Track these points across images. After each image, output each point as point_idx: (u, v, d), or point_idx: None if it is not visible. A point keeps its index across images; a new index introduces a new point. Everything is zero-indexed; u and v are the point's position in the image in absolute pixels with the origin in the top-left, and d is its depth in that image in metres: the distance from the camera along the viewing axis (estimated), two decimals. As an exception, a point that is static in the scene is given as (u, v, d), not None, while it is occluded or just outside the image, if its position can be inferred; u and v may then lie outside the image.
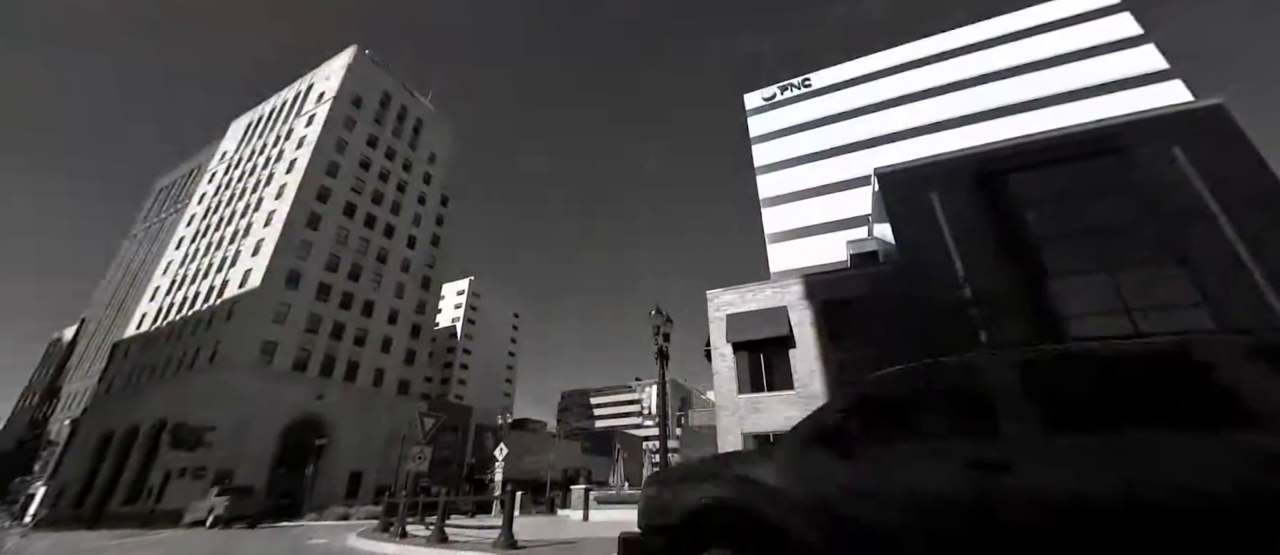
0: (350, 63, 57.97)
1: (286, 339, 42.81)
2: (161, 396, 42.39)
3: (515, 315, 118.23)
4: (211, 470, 34.75)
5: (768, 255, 41.19)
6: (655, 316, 12.63)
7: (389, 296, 54.07)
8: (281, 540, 16.27)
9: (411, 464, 16.13)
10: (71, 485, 44.67)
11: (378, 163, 57.75)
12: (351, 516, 25.82)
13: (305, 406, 42.56)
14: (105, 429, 46.40)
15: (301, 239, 46.48)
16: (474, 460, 49.22)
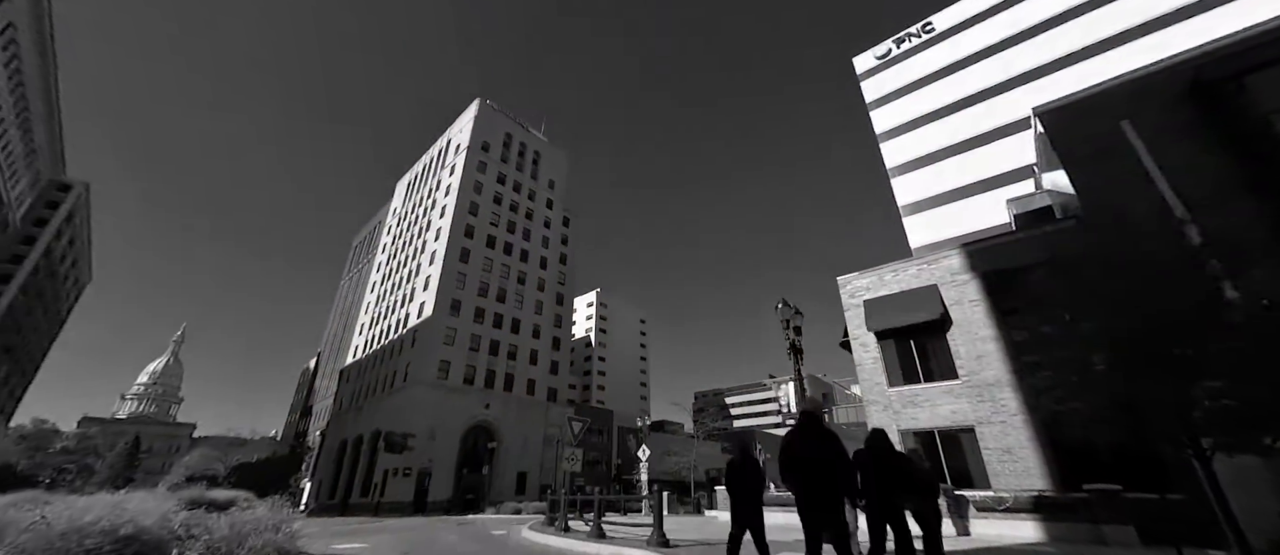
0: (476, 114, 66.03)
1: (455, 358, 50.05)
2: (375, 411, 52.60)
3: (641, 321, 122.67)
4: (415, 470, 42.12)
5: (905, 230, 36.84)
6: (782, 309, 12.15)
7: (530, 314, 60.06)
8: (470, 529, 19.08)
9: (566, 464, 17.74)
10: (325, 482, 57.57)
11: (507, 196, 64.71)
12: (522, 511, 29.18)
13: (476, 415, 49.25)
14: (341, 438, 58.97)
15: (457, 271, 54.05)
16: (619, 461, 52.09)
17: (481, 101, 67.70)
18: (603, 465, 59.70)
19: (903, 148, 39.74)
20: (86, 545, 4.86)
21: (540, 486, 49.26)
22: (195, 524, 5.99)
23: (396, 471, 41.56)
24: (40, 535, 4.57)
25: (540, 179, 71.13)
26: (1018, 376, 13.63)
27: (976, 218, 30.84)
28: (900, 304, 16.34)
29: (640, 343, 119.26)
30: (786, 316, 12.04)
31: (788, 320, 12.04)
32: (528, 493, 48.05)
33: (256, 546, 6.01)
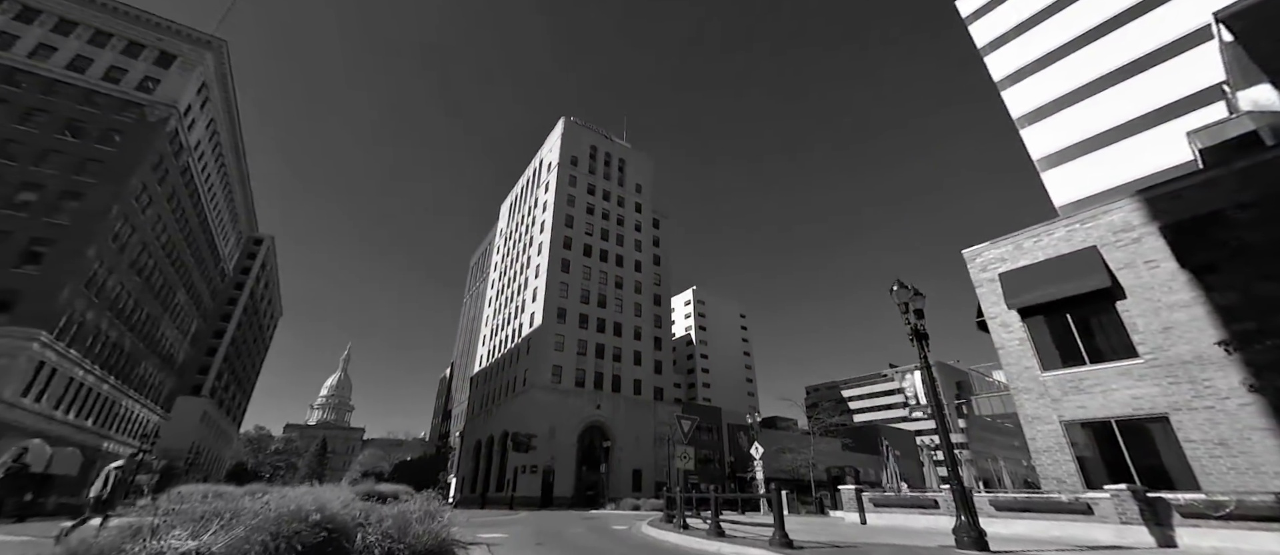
0: (562, 132, 69.74)
1: (566, 362, 53.18)
2: (501, 414, 57.84)
3: (741, 316, 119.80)
4: (541, 467, 45.48)
5: (1045, 186, 31.46)
6: (899, 292, 11.07)
7: (630, 316, 61.77)
8: (594, 523, 20.09)
9: (678, 462, 17.92)
10: (467, 478, 64.52)
11: (598, 205, 67.32)
12: (641, 507, 30.01)
13: (589, 415, 51.82)
14: (476, 439, 65.72)
15: (560, 281, 57.45)
16: (732, 459, 51.26)
17: (566, 120, 71.32)
18: (715, 463, 59.25)
19: (1033, 91, 33.94)
20: (295, 527, 6.03)
21: (655, 484, 50.36)
22: (370, 512, 7.11)
23: (525, 469, 45.24)
24: (267, 517, 5.76)
25: (627, 185, 72.95)
26: (1227, 350, 10.92)
27: (1143, 161, 25.27)
28: (1048, 274, 13.99)
29: (742, 338, 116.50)
30: (905, 299, 10.95)
31: (906, 303, 10.94)
32: (644, 490, 49.36)
33: (418, 533, 6.95)
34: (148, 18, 44.59)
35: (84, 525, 8.61)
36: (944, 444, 9.70)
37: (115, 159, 38.20)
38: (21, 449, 27.96)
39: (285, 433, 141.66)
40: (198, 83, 46.32)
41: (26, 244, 33.01)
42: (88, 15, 42.26)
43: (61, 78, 39.06)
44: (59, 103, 38.18)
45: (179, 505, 6.97)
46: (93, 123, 38.75)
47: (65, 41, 40.56)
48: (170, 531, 5.23)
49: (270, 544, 5.75)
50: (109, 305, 39.73)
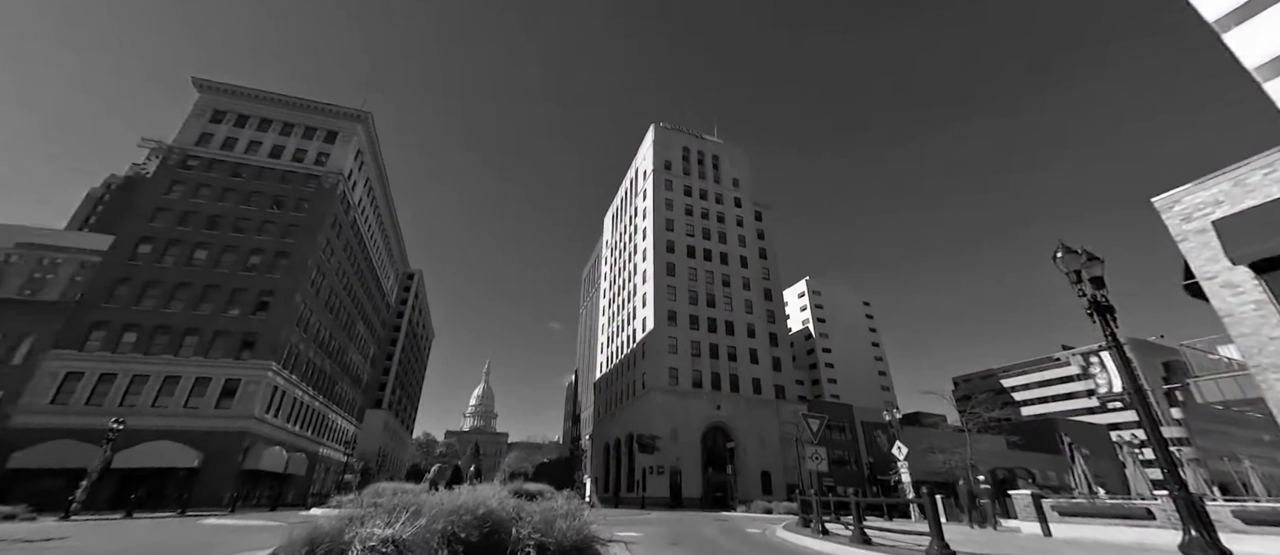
0: (654, 139, 70.85)
1: (681, 364, 53.58)
2: (625, 417, 60.15)
3: (865, 304, 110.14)
4: (667, 468, 46.32)
5: (1271, 101, 23.96)
6: (1067, 257, 9.21)
7: (741, 314, 60.30)
8: (726, 525, 19.85)
9: (810, 464, 16.96)
10: (599, 479, 68.11)
11: (697, 205, 67.00)
12: (773, 510, 28.96)
13: (710, 416, 51.54)
14: (604, 441, 69.15)
15: (667, 285, 58.17)
16: (871, 459, 47.11)
17: (656, 126, 72.35)
18: (851, 464, 55.05)
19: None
20: (464, 519, 6.90)
21: (786, 486, 48.33)
22: (521, 509, 7.87)
23: (652, 469, 46.44)
24: (441, 511, 6.68)
25: (723, 181, 71.61)
26: None
27: None
28: (1297, 212, 10.65)
29: (868, 329, 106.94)
30: (1074, 266, 9.10)
31: (1077, 271, 9.08)
32: (774, 492, 47.64)
33: (563, 529, 7.50)
34: (316, 105, 55.05)
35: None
36: (1153, 440, 7.87)
37: (306, 222, 47.71)
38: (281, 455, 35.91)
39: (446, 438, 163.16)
40: (355, 151, 55.89)
41: (257, 295, 42.64)
42: (278, 113, 53.49)
43: (266, 165, 49.93)
44: (267, 184, 48.83)
45: (376, 500, 8.41)
46: (290, 196, 48.85)
47: (265, 136, 51.80)
48: (372, 521, 6.33)
49: (445, 533, 6.67)
50: (313, 339, 49.54)
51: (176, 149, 47.74)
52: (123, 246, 41.51)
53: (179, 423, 36.12)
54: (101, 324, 37.77)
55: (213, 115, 50.55)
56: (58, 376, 35.16)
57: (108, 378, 36.18)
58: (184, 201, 45.11)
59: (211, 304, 41.12)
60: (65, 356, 35.77)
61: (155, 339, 38.49)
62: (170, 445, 34.87)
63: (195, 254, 42.90)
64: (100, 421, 31.49)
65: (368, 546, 5.63)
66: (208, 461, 35.50)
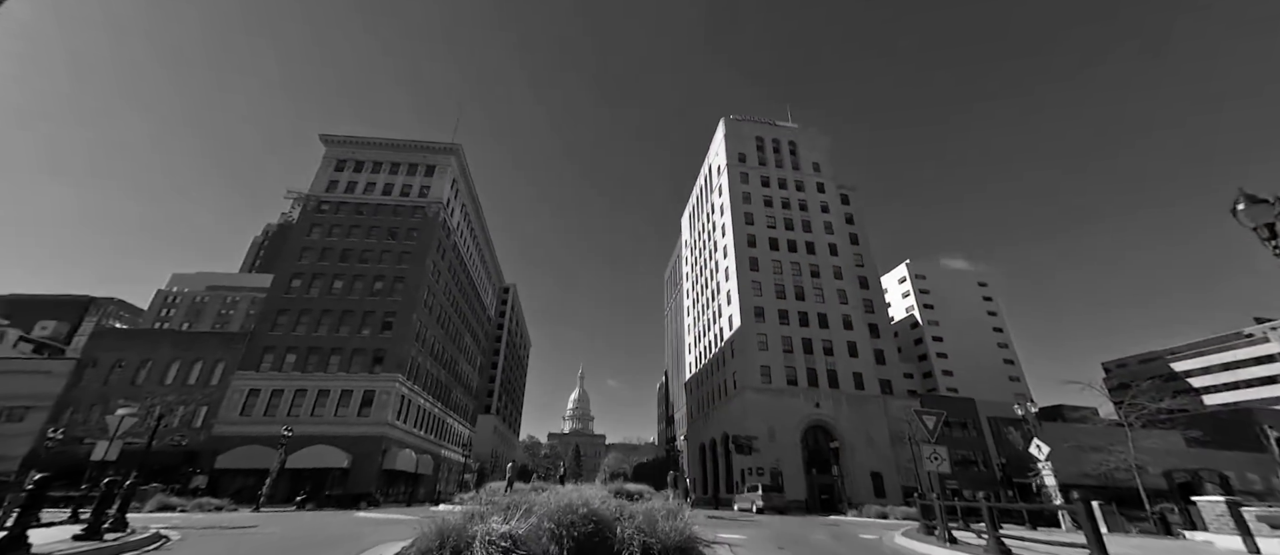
0: (725, 133, 69.26)
1: (773, 361, 51.64)
2: (717, 417, 59.33)
3: (981, 285, 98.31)
4: (767, 469, 44.86)
5: None
6: (1249, 209, 7.33)
7: (834, 305, 56.73)
8: (836, 530, 18.64)
9: (929, 464, 15.38)
10: (697, 480, 67.82)
11: (776, 195, 64.32)
12: (889, 516, 26.75)
13: (809, 414, 49.05)
14: (699, 442, 68.76)
15: (751, 280, 56.46)
16: (1004, 460, 41.71)
17: (726, 119, 70.73)
18: (979, 465, 49.29)
19: None
20: (570, 517, 7.18)
21: (902, 489, 44.51)
22: (623, 508, 8.03)
23: (751, 471, 45.23)
24: (549, 508, 7.02)
25: (803, 167, 68.06)
26: None
27: None
28: None
29: (987, 311, 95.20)
30: (1265, 219, 7.21)
31: (1270, 225, 7.18)
32: (888, 495, 44.06)
33: (665, 529, 7.52)
34: (415, 144, 61.35)
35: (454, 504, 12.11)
36: None
37: (416, 249, 53.28)
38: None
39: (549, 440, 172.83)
40: (450, 180, 61.39)
41: (382, 316, 48.42)
42: (385, 155, 60.43)
43: (381, 201, 56.62)
44: (383, 218, 55.33)
45: (492, 498, 9.07)
46: (401, 227, 54.91)
47: (378, 177, 58.76)
48: (490, 517, 6.83)
49: (555, 531, 6.99)
50: (429, 352, 55.09)
51: (312, 197, 55.88)
52: (280, 283, 49.44)
53: (332, 429, 42.10)
54: (269, 348, 45.25)
55: (337, 164, 58.43)
56: (243, 393, 42.69)
57: (277, 393, 43.23)
58: (322, 240, 52.64)
59: (348, 326, 47.48)
60: (246, 377, 43.34)
61: (309, 358, 45.29)
62: (326, 448, 40.75)
63: (334, 284, 49.84)
64: (274, 429, 37.69)
65: (488, 540, 6.07)
66: (355, 462, 40.94)
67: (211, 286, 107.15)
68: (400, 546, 7.73)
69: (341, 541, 11.55)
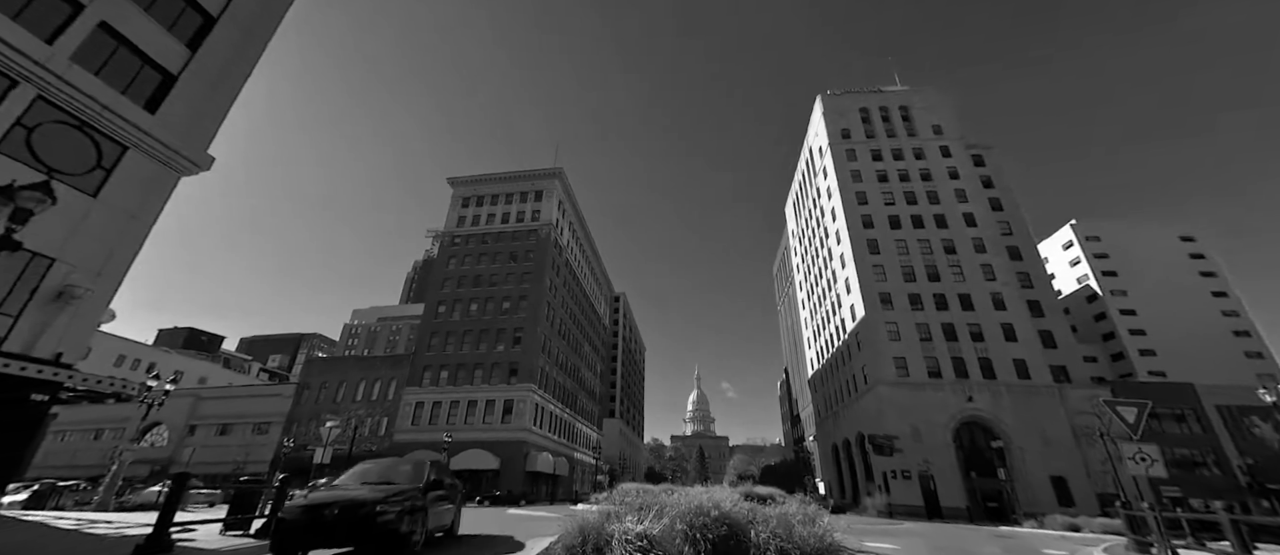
0: (822, 111, 64.56)
1: (908, 352, 46.51)
2: (849, 415, 55.09)
3: (1186, 240, 78.19)
4: (914, 472, 40.50)
5: None
6: None
7: (978, 283, 49.47)
8: (1012, 543, 16.07)
9: (1133, 467, 12.57)
10: (832, 483, 63.58)
11: (891, 168, 58.15)
12: (1083, 528, 22.38)
13: (961, 410, 43.24)
14: (830, 442, 64.45)
15: (872, 265, 51.62)
16: (1249, 461, 32.47)
17: (823, 95, 65.95)
18: (1209, 467, 39.12)
19: None
20: (702, 520, 7.20)
21: (1097, 498, 36.98)
22: (755, 512, 7.83)
23: (895, 473, 41.18)
24: (680, 510, 7.13)
25: (919, 132, 60.69)
26: None
27: None
28: None
29: (1201, 272, 75.32)
30: None
31: None
32: (1079, 504, 36.76)
33: (803, 535, 7.19)
34: (523, 173, 66.98)
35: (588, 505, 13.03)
36: None
37: (534, 269, 58.08)
38: (540, 460, 44.11)
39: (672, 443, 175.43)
40: (557, 201, 65.89)
41: (512, 333, 53.52)
42: (500, 187, 66.88)
43: (501, 229, 62.82)
44: (503, 244, 61.31)
45: (624, 498, 9.48)
46: (520, 249, 60.31)
47: (496, 207, 65.28)
48: (625, 516, 7.15)
49: (688, 532, 7.08)
50: (554, 362, 59.50)
51: (446, 233, 63.95)
52: (429, 310, 57.29)
53: (482, 435, 47.52)
54: (428, 366, 52.60)
55: (463, 202, 66.17)
56: (412, 405, 50.15)
57: (437, 404, 50.04)
58: (458, 269, 59.95)
59: (486, 343, 53.32)
60: (413, 391, 50.84)
61: (458, 373, 51.74)
62: (479, 452, 46.07)
63: (470, 307, 56.41)
64: (438, 436, 43.64)
65: (625, 539, 6.36)
66: (504, 464, 45.67)
67: (381, 318, 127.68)
68: (547, 543, 8.42)
69: (504, 530, 12.96)
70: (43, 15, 14.24)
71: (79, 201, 14.27)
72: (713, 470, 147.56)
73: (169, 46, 17.46)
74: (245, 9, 20.39)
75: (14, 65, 13.16)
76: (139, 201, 15.90)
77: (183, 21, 18.20)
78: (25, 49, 13.38)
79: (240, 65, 20.04)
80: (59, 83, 13.98)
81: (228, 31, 19.46)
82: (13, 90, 13.27)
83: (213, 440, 53.63)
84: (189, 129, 17.57)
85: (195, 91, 18.01)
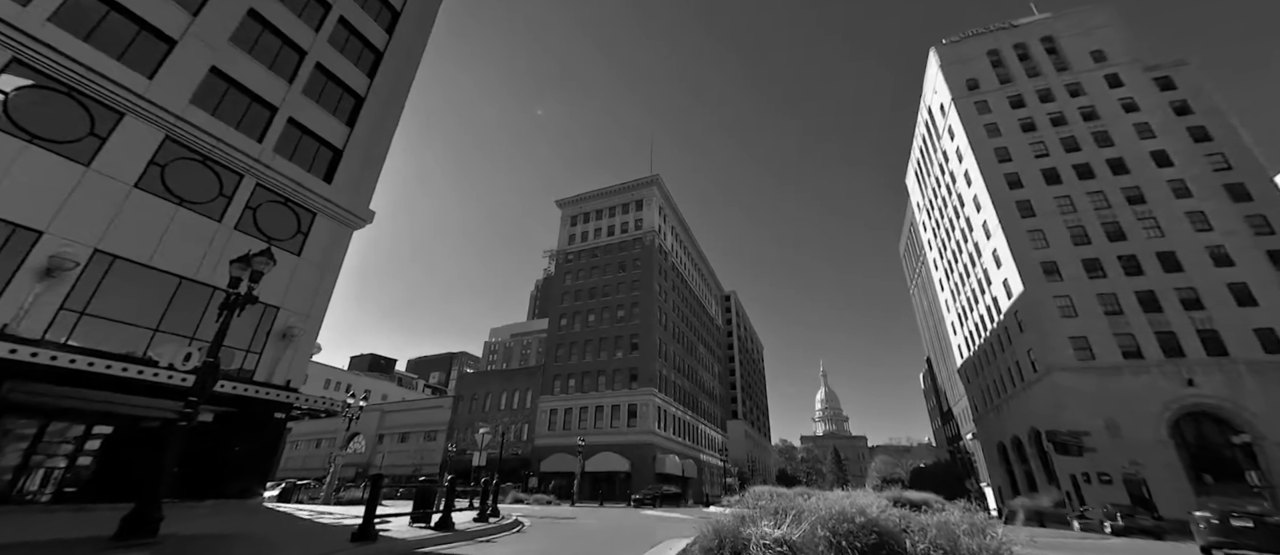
0: (938, 65, 56.65)
1: (1092, 328, 38.54)
2: (1015, 408, 47.25)
3: None
4: (1116, 475, 33.33)
5: None
6: None
7: (1183, 235, 39.32)
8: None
9: None
10: (1002, 487, 54.98)
11: (1038, 114, 49.02)
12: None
13: (1179, 397, 34.60)
14: (996, 440, 55.87)
15: (1025, 231, 43.84)
16: None
17: (938, 46, 58.17)
18: None
19: None
20: (846, 527, 6.66)
21: None
22: (909, 520, 7.03)
23: (1087, 477, 34.28)
24: (820, 516, 6.67)
25: (1073, 63, 50.36)
26: None
27: None
28: None
29: None
30: None
31: None
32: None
33: (971, 547, 6.25)
34: (624, 185, 69.14)
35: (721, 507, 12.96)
36: None
37: (643, 276, 59.56)
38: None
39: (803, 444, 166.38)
40: (658, 207, 66.91)
41: (629, 339, 55.40)
42: (602, 202, 69.84)
43: (607, 242, 65.57)
44: (612, 256, 63.88)
45: (758, 502, 9.18)
46: (627, 258, 62.34)
47: (601, 222, 68.27)
48: (761, 521, 6.90)
49: (832, 539, 6.60)
50: (672, 365, 60.27)
51: (559, 251, 68.58)
52: (553, 324, 61.81)
53: (610, 438, 49.84)
54: (557, 376, 56.74)
55: (571, 220, 70.41)
56: (547, 412, 54.45)
57: (568, 410, 53.68)
58: (573, 284, 63.86)
59: (605, 351, 55.93)
60: (547, 399, 55.18)
61: (584, 381, 54.99)
62: (610, 455, 48.36)
63: (588, 318, 59.67)
64: (572, 440, 46.78)
65: (763, 545, 6.13)
66: (634, 466, 47.35)
67: (513, 334, 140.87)
68: (684, 544, 8.48)
69: (640, 534, 13.40)
70: (253, 120, 18.40)
71: (289, 260, 18.07)
72: (852, 474, 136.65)
73: (334, 127, 21.41)
74: (383, 85, 24.24)
75: (239, 161, 17.18)
76: (327, 255, 19.66)
77: (341, 105, 22.19)
78: (245, 149, 17.40)
79: (384, 133, 23.84)
80: (269, 170, 17.92)
81: (372, 107, 23.27)
82: (241, 182, 17.33)
83: (396, 447, 63.81)
84: (355, 191, 21.30)
85: (356, 160, 21.80)
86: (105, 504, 12.57)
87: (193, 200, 15.90)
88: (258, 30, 19.31)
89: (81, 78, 13.83)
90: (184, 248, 15.27)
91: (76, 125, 13.81)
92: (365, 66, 23.72)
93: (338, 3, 22.73)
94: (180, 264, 15.13)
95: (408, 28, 26.45)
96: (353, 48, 23.37)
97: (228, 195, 16.86)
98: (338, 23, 22.73)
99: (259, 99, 18.65)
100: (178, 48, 16.33)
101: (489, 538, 11.74)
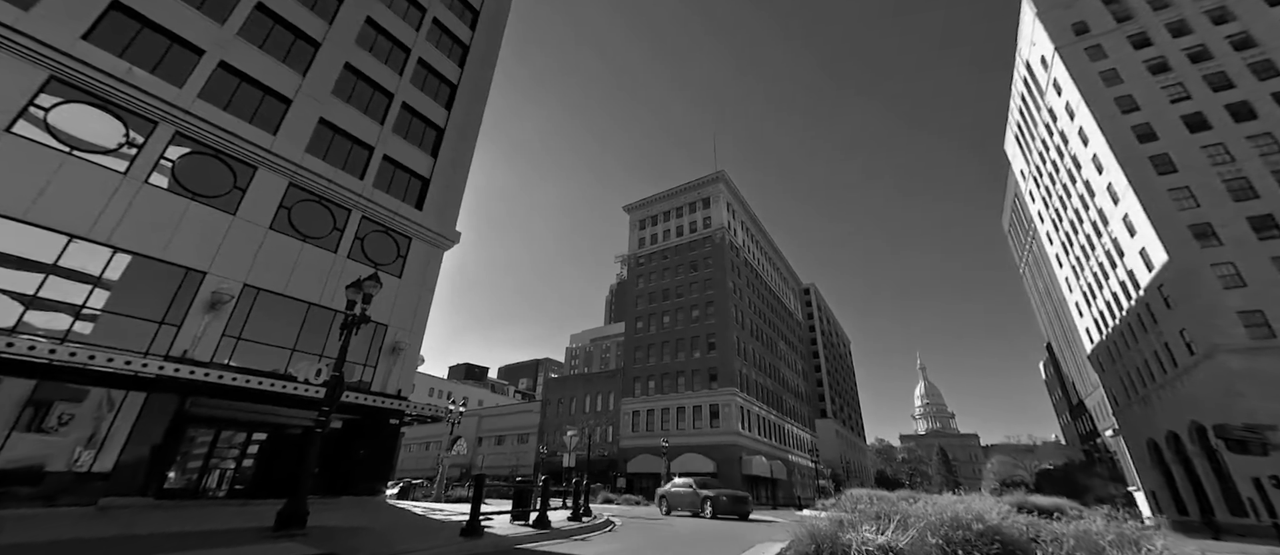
0: (1035, 13, 50.01)
1: (1268, 300, 31.87)
2: (1168, 400, 40.34)
3: None
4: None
5: None
6: None
7: None
8: None
9: None
10: (1158, 492, 47.12)
11: (1169, 50, 41.77)
12: None
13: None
14: (1141, 436, 48.06)
15: (1166, 190, 37.24)
16: None
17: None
18: None
19: None
20: (962, 534, 6.05)
21: None
22: (1039, 528, 6.22)
23: (1276, 481, 28.38)
24: (930, 522, 6.11)
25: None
26: None
27: None
28: None
29: None
30: None
31: None
32: None
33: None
34: (689, 185, 68.49)
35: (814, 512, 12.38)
36: None
37: (715, 274, 58.60)
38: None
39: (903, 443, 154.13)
40: (726, 204, 65.52)
41: (707, 339, 54.76)
42: (670, 203, 69.71)
43: (677, 243, 65.32)
44: (682, 256, 63.57)
45: (856, 505, 8.61)
46: (698, 257, 61.71)
47: (670, 223, 68.13)
48: (861, 525, 6.46)
49: (944, 547, 6.01)
50: (752, 363, 58.65)
51: (630, 256, 69.50)
52: (629, 328, 62.78)
53: (694, 439, 49.56)
54: (636, 378, 57.52)
55: (640, 224, 71.12)
56: (629, 414, 55.38)
57: (650, 411, 54.19)
58: (646, 287, 64.43)
59: (682, 352, 55.76)
60: (629, 401, 56.14)
61: (663, 382, 55.23)
62: (694, 456, 48.07)
63: (664, 320, 59.87)
64: (655, 441, 47.14)
65: (866, 552, 5.74)
66: (719, 467, 46.66)
67: (592, 339, 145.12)
68: (779, 547, 8.18)
69: (732, 537, 13.17)
70: (355, 160, 20.70)
71: (392, 282, 20.06)
72: (964, 476, 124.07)
73: (420, 159, 23.46)
74: (459, 115, 26.18)
75: (348, 198, 19.39)
76: (423, 275, 21.57)
77: (425, 138, 24.28)
78: (351, 187, 19.62)
79: (463, 159, 25.72)
80: (372, 204, 20.06)
81: (451, 137, 25.22)
82: (350, 216, 19.54)
83: (493, 449, 68.31)
84: (442, 215, 23.18)
85: (440, 186, 23.72)
86: (263, 500, 14.75)
87: (314, 235, 18.23)
88: (353, 81, 21.75)
89: (226, 140, 16.41)
90: (309, 277, 17.55)
91: (223, 181, 16.39)
92: (443, 100, 25.81)
93: (417, 46, 24.99)
94: (307, 291, 17.39)
95: (476, 57, 28.46)
96: (431, 85, 25.54)
97: (340, 228, 19.13)
98: (417, 64, 24.97)
99: (359, 141, 20.99)
100: (293, 105, 18.84)
101: (583, 536, 12.15)
